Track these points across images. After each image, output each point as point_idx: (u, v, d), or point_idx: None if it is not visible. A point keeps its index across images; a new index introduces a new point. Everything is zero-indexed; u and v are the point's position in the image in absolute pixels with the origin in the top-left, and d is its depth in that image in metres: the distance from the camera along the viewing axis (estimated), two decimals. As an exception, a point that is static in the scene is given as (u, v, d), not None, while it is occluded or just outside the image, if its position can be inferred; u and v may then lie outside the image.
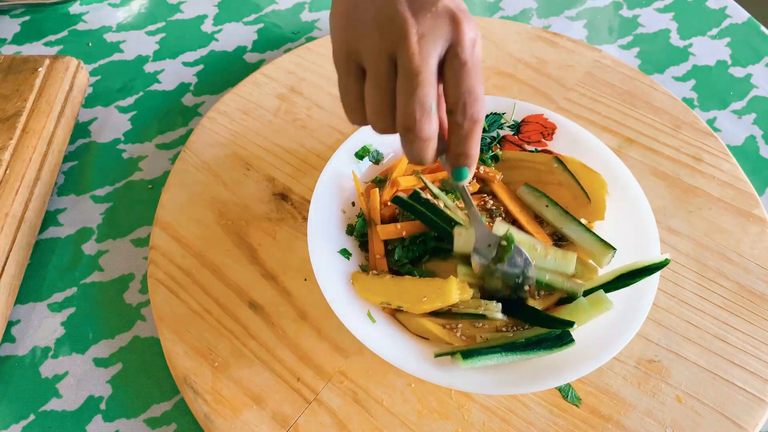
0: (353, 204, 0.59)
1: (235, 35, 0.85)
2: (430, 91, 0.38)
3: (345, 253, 0.55)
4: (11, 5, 0.86)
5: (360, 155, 0.61)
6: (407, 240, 0.55)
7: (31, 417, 0.54)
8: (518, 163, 0.62)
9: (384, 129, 0.40)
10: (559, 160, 0.59)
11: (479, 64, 0.39)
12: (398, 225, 0.55)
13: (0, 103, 0.68)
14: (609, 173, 0.58)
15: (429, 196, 0.55)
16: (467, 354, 0.48)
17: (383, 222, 0.57)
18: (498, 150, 0.62)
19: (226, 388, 0.53)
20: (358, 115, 0.42)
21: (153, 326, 0.59)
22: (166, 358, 0.55)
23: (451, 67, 0.39)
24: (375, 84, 0.39)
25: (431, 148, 0.39)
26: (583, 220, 0.55)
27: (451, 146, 0.41)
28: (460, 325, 0.51)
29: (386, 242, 0.56)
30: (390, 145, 0.62)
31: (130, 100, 0.78)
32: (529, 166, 0.61)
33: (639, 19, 0.86)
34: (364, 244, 0.58)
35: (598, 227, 0.57)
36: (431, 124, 0.38)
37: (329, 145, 0.69)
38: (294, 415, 0.51)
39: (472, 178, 0.59)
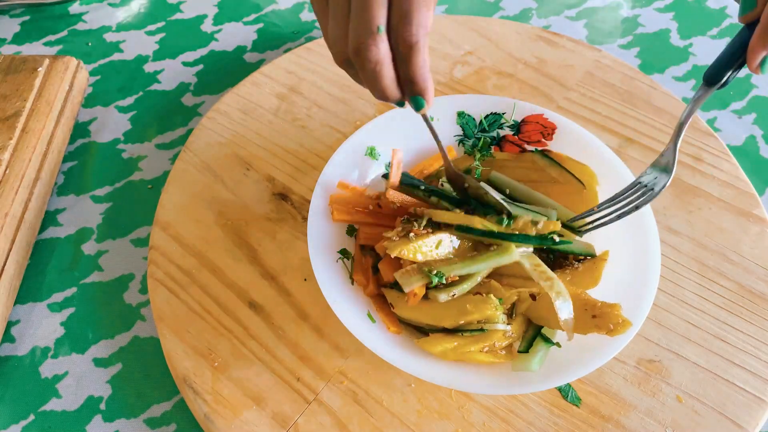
0: (353, 204, 0.59)
1: (235, 35, 0.85)
2: (377, 12, 0.38)
3: (345, 253, 0.55)
4: (11, 5, 0.86)
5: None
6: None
7: (31, 417, 0.54)
8: (506, 164, 0.62)
9: (342, 58, 0.41)
10: (542, 153, 0.60)
11: None
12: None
13: (0, 103, 0.68)
14: (609, 173, 0.58)
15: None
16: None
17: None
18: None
19: (226, 388, 0.53)
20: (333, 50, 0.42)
21: (153, 326, 0.59)
22: (166, 358, 0.55)
23: None
24: (333, 12, 0.40)
25: (384, 74, 0.39)
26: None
27: (399, 74, 0.40)
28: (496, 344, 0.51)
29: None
30: (390, 146, 0.62)
31: (129, 100, 0.78)
32: (516, 166, 0.62)
33: (639, 19, 0.86)
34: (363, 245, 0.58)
35: (600, 226, 0.57)
36: (377, 45, 0.38)
37: (329, 145, 0.69)
38: (294, 415, 0.51)
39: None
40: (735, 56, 0.43)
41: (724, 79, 0.44)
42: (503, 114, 0.63)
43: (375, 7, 0.38)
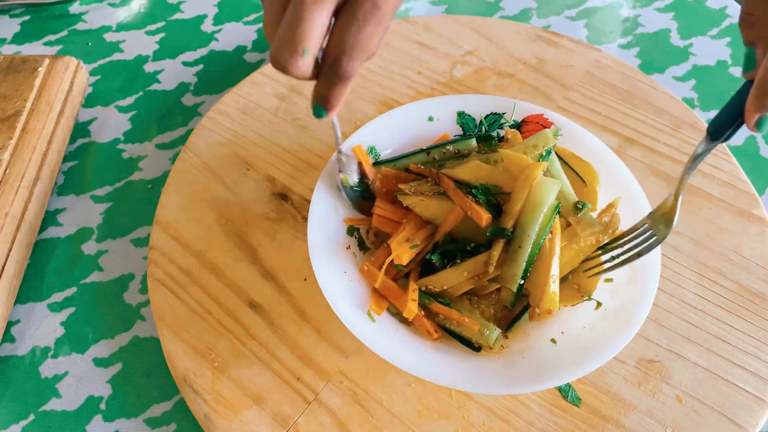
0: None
1: (235, 35, 0.85)
2: (308, 32, 0.36)
3: (352, 231, 0.56)
4: (11, 5, 0.86)
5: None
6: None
7: (31, 417, 0.54)
8: None
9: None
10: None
11: (373, 24, 0.37)
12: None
13: (0, 103, 0.68)
14: (609, 173, 0.58)
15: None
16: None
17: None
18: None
19: (226, 388, 0.53)
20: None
21: (153, 326, 0.59)
22: (166, 358, 0.55)
23: (342, 15, 0.37)
24: (268, 1, 0.38)
25: (300, 78, 0.39)
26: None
27: (317, 84, 0.40)
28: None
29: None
30: (391, 146, 0.62)
31: (130, 100, 0.78)
32: None
33: (639, 19, 0.86)
34: (363, 244, 0.58)
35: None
36: (297, 67, 0.37)
37: (329, 145, 0.69)
38: (294, 415, 0.51)
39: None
40: (736, 113, 0.43)
41: (727, 134, 0.45)
42: (503, 114, 0.63)
43: (308, 26, 0.35)
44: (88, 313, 0.60)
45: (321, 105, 0.41)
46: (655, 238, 0.50)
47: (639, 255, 0.50)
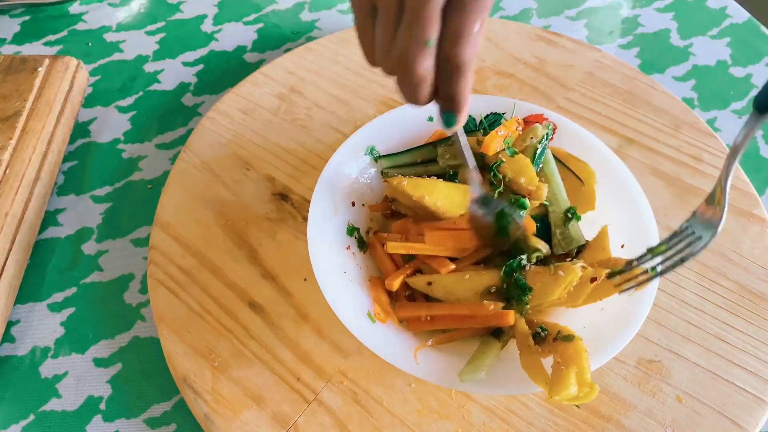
0: (353, 204, 0.59)
1: (235, 35, 0.85)
2: (429, 24, 0.37)
3: (352, 231, 0.57)
4: (11, 5, 0.86)
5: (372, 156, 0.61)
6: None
7: (31, 417, 0.54)
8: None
9: (389, 68, 0.40)
10: None
11: (479, 9, 0.37)
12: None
13: (0, 103, 0.68)
14: (609, 173, 0.58)
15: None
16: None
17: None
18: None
19: (226, 388, 0.53)
20: (371, 55, 0.41)
21: (153, 326, 0.59)
22: (166, 358, 0.55)
23: (449, 7, 0.38)
24: (382, 20, 0.39)
25: (423, 89, 0.39)
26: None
27: (438, 88, 0.40)
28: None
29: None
30: (391, 146, 0.62)
31: (129, 100, 0.78)
32: None
33: (639, 19, 0.86)
34: (363, 244, 0.58)
35: (598, 226, 0.57)
36: (424, 60, 0.38)
37: (329, 145, 0.69)
38: (294, 415, 0.51)
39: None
40: None
41: None
42: (503, 114, 0.63)
43: (428, 18, 0.37)
44: (88, 313, 0.60)
45: (449, 108, 0.40)
46: (698, 242, 0.44)
47: (682, 261, 0.45)
